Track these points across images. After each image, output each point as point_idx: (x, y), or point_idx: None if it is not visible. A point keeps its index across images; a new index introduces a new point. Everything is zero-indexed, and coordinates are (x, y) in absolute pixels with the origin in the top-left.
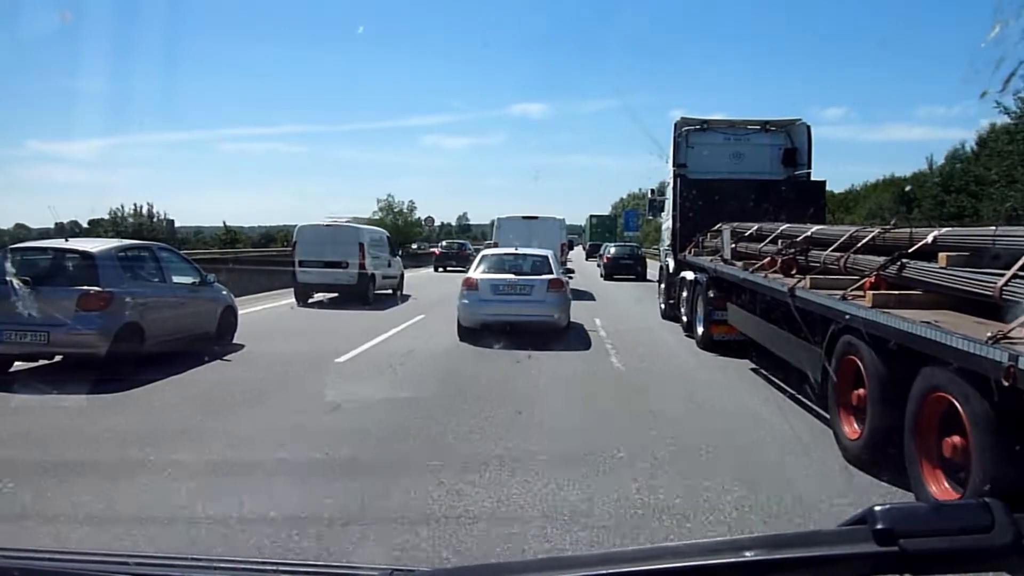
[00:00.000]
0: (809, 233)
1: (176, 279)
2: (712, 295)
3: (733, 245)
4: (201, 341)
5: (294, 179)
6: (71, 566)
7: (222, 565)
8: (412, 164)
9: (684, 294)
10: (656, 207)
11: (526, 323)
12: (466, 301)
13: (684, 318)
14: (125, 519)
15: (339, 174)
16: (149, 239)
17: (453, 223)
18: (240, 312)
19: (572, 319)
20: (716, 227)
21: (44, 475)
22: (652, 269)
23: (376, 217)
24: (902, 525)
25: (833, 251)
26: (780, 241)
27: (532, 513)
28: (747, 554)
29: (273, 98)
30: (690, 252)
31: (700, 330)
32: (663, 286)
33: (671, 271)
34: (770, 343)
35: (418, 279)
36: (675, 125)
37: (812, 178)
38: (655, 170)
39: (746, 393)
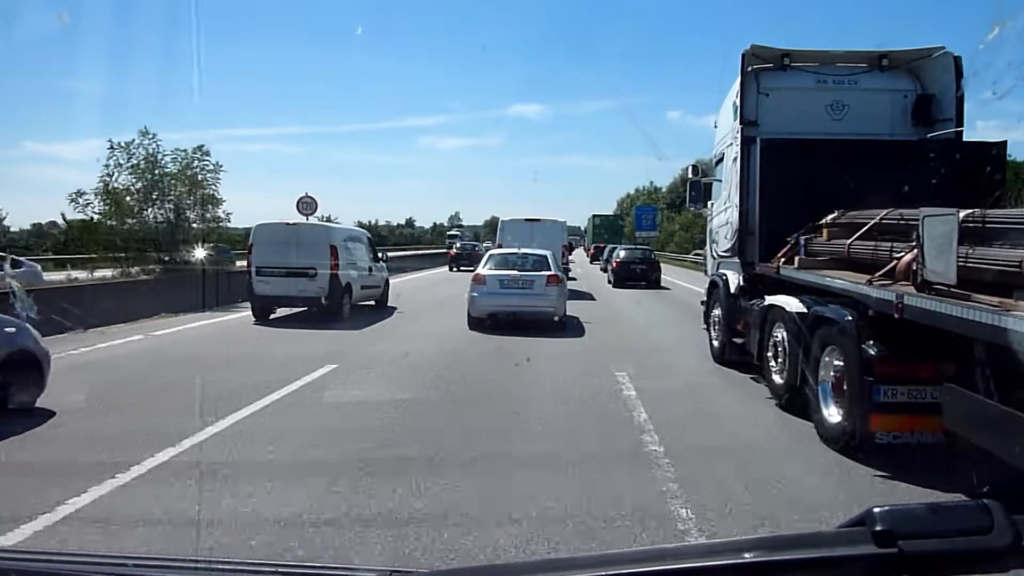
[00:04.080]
0: None
1: None
2: (877, 353)
3: (952, 256)
4: None
5: (291, 180)
6: (67, 567)
7: (220, 567)
8: (409, 165)
9: (779, 336)
10: (699, 193)
11: (527, 314)
12: (475, 294)
13: (778, 379)
14: None
15: (336, 175)
16: None
17: (445, 223)
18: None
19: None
20: (847, 216)
21: None
22: (666, 275)
23: (121, 185)
24: (901, 527)
25: None
26: None
27: None
28: (746, 555)
29: (270, 99)
30: (784, 261)
31: (832, 415)
32: (720, 312)
33: (734, 290)
34: None
35: (420, 281)
36: (742, 58)
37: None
38: (653, 171)
39: None
